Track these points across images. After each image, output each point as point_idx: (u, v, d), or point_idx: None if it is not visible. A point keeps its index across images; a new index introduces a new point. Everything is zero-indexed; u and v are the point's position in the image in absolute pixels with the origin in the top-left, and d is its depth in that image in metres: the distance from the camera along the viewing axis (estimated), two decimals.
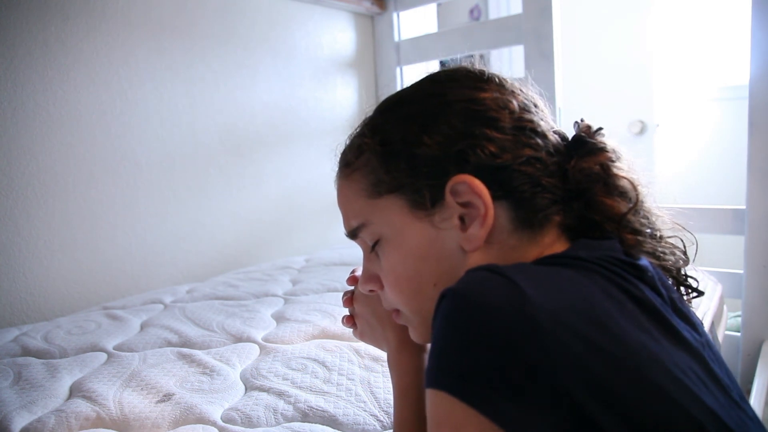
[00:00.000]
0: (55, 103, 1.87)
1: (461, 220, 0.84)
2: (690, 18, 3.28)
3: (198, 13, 2.20)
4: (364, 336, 1.08)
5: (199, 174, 2.24)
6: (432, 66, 2.92)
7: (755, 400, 1.70)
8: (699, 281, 0.90)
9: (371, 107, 0.95)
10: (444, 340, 0.72)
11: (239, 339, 1.39)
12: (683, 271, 0.88)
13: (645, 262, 0.81)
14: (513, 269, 0.73)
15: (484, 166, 0.82)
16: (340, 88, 2.81)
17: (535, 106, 0.89)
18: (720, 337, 1.79)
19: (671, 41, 3.27)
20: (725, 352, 2.06)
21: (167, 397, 1.11)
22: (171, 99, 2.14)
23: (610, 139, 0.88)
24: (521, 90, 0.89)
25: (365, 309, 1.06)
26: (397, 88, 2.59)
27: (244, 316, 1.54)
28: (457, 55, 2.63)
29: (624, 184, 0.85)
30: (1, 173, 1.75)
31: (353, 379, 1.15)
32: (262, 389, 1.13)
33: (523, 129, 0.85)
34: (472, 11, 3.63)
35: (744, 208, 1.98)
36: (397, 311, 0.97)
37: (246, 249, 2.38)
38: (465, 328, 0.70)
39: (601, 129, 0.89)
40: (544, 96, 0.92)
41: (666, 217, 0.88)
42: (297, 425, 1.01)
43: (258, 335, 1.40)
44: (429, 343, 0.95)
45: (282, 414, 1.04)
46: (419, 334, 0.96)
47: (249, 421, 1.03)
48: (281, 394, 1.10)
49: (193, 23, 2.19)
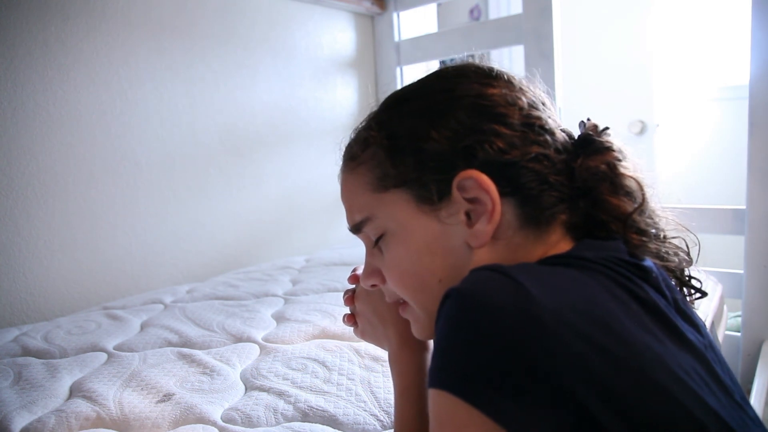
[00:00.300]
0: (55, 103, 1.86)
1: (467, 215, 0.83)
2: (690, 18, 3.27)
3: (198, 13, 2.19)
4: (365, 334, 1.07)
5: (199, 174, 2.24)
6: (432, 66, 2.92)
7: (755, 400, 1.69)
8: (702, 282, 0.90)
9: (371, 107, 0.95)
10: (447, 340, 0.71)
11: (239, 339, 1.39)
12: (686, 272, 0.88)
13: (649, 263, 0.81)
14: (517, 269, 0.73)
15: (491, 161, 0.82)
16: (340, 88, 2.81)
17: (543, 104, 0.89)
18: (720, 337, 1.79)
19: (671, 41, 3.27)
20: (725, 352, 2.06)
21: (167, 397, 1.10)
22: (171, 99, 2.14)
23: (616, 139, 0.88)
24: (529, 88, 0.89)
25: (366, 307, 1.06)
26: (398, 87, 2.60)
27: (244, 316, 1.54)
28: (458, 55, 2.62)
29: (630, 183, 0.85)
30: (1, 173, 1.75)
31: (353, 379, 1.15)
32: (262, 389, 1.13)
33: (532, 126, 0.85)
34: (472, 11, 3.63)
35: (744, 208, 1.98)
36: (404, 303, 0.96)
37: (246, 249, 2.38)
38: (469, 328, 0.69)
39: (608, 128, 0.89)
40: (550, 95, 0.92)
41: (670, 218, 0.88)
42: (297, 425, 1.01)
43: (258, 335, 1.40)
44: (431, 341, 0.97)
45: (282, 414, 1.04)
46: (422, 329, 0.95)
47: (249, 421, 1.02)
48: (281, 394, 1.10)
49: (193, 23, 2.19)
